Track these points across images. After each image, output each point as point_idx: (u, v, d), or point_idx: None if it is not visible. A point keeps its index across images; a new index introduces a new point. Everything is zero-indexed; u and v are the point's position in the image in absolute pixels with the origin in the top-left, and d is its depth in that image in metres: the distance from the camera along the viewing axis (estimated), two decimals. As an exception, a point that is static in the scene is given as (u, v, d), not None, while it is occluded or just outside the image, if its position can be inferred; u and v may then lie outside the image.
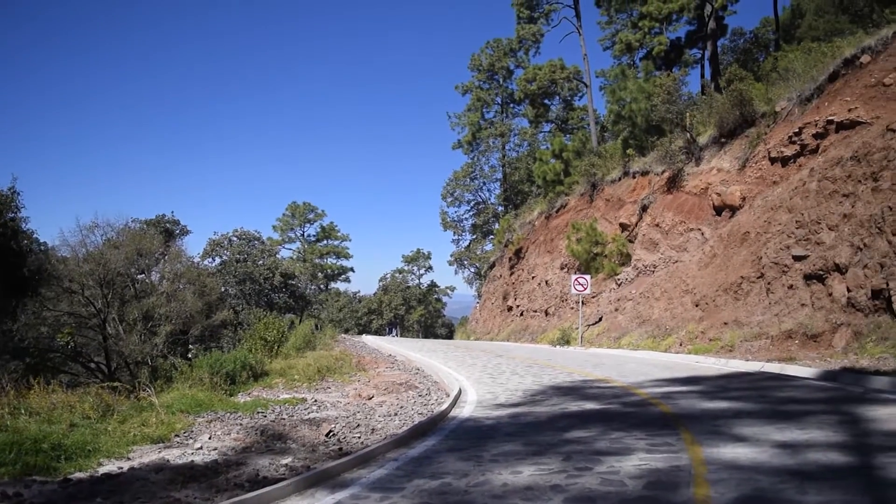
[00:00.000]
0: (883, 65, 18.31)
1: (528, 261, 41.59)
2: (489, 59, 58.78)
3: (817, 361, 13.08)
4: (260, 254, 42.42)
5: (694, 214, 25.39)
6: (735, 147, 24.92)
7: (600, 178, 35.57)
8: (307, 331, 24.13)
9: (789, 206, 18.43)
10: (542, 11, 48.26)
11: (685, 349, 18.47)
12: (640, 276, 26.93)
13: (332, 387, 14.26)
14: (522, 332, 35.73)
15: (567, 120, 56.44)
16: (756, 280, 18.15)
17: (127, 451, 7.94)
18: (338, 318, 63.37)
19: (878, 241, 14.04)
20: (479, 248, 62.78)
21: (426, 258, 76.66)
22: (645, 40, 38.49)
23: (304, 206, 74.38)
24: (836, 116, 19.07)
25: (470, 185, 63.13)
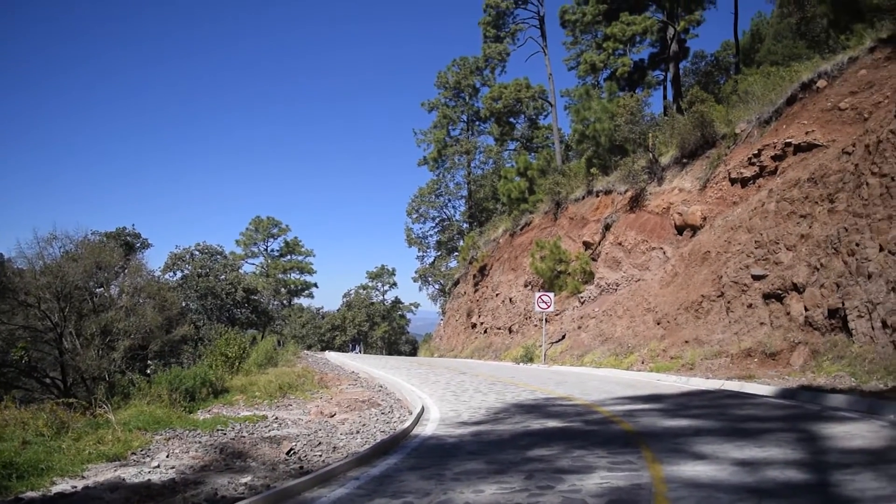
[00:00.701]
0: (839, 89, 18.78)
1: (492, 278, 41.68)
2: (455, 77, 59.13)
3: (776, 379, 13.28)
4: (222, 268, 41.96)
5: (656, 233, 25.70)
6: (696, 168, 25.32)
7: (564, 196, 35.88)
8: (269, 347, 23.86)
9: (749, 227, 18.74)
10: (508, 31, 48.74)
11: (647, 367, 18.62)
12: (603, 295, 27.14)
13: (294, 404, 14.10)
14: (486, 350, 35.74)
15: (532, 138, 56.93)
16: (716, 299, 18.39)
17: (82, 469, 7.74)
18: (301, 334, 62.83)
19: (835, 262, 14.33)
20: (444, 264, 62.83)
21: (390, 274, 76.50)
22: (609, 61, 39.04)
23: (268, 220, 73.82)
24: (794, 139, 19.49)
25: (435, 202, 63.25)
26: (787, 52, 31.29)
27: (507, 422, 10.47)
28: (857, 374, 11.80)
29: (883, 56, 17.66)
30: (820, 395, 10.86)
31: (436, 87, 60.45)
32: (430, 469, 7.25)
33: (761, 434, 8.05)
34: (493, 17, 47.82)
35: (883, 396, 9.88)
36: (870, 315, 12.57)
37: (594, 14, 38.19)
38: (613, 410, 11.04)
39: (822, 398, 10.61)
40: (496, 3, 47.02)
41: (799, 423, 8.80)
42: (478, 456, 7.83)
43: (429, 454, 8.23)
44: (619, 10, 37.05)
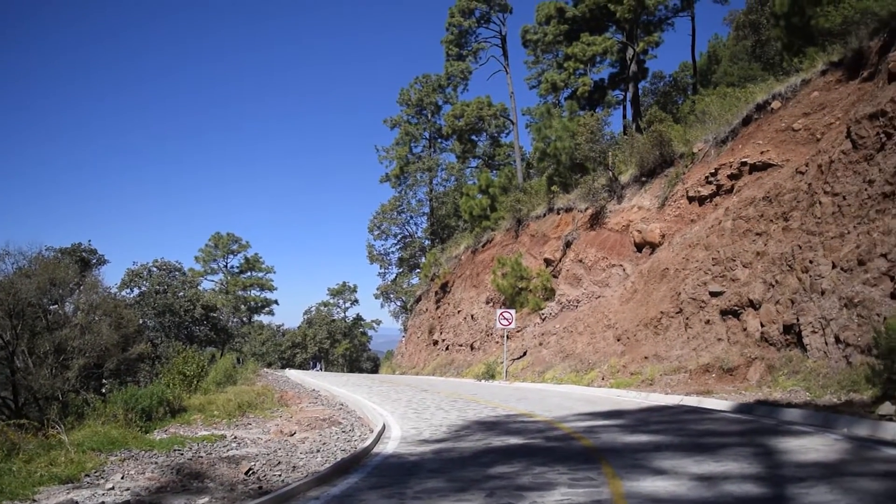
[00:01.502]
0: (792, 111, 19.24)
1: (454, 295, 41.69)
2: (418, 95, 59.31)
3: (733, 394, 13.46)
4: (181, 285, 41.34)
5: (616, 251, 25.97)
6: (655, 186, 25.70)
7: (526, 213, 36.12)
8: (228, 365, 23.55)
9: (706, 244, 19.05)
10: (470, 49, 49.07)
11: (607, 383, 18.75)
12: (563, 311, 27.31)
13: (253, 423, 13.90)
14: (448, 367, 35.67)
15: (494, 156, 57.26)
16: (675, 315, 18.62)
17: (33, 492, 7.51)
18: (261, 351, 62.07)
19: (789, 278, 14.62)
20: (406, 281, 62.68)
21: (352, 291, 76.05)
22: (570, 81, 39.50)
23: (227, 236, 72.99)
24: (750, 158, 19.89)
25: (397, 219, 63.17)
26: (743, 73, 32.03)
27: (468, 439, 10.43)
28: (812, 388, 12.02)
29: (834, 79, 18.16)
30: (776, 409, 11.04)
31: (398, 104, 60.63)
32: (391, 488, 7.19)
33: (719, 449, 8.14)
34: (456, 35, 48.13)
35: (836, 410, 10.07)
36: (823, 331, 12.83)
37: (555, 34, 38.67)
38: (574, 427, 11.08)
39: (778, 412, 10.79)
40: (459, 22, 47.35)
41: (756, 437, 8.92)
42: (439, 474, 7.79)
43: (390, 473, 8.16)
44: (579, 30, 37.55)
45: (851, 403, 10.36)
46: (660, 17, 38.98)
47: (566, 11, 37.71)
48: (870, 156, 13.68)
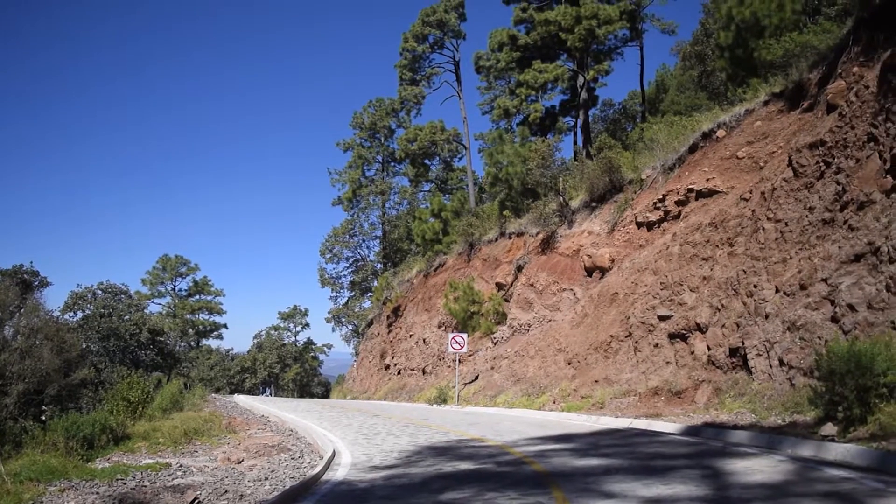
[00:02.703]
0: (736, 139, 19.76)
1: (406, 319, 41.56)
2: (371, 118, 59.41)
3: (681, 417, 13.64)
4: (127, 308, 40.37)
5: (567, 275, 26.21)
6: (605, 211, 26.07)
7: (478, 238, 36.29)
8: (175, 390, 22.97)
9: (654, 269, 19.36)
10: (423, 74, 49.42)
11: (558, 406, 18.83)
12: (515, 335, 27.41)
13: (200, 450, 13.59)
14: (400, 391, 35.45)
15: (447, 180, 57.53)
16: (624, 339, 18.84)
17: (-37, 524, 7.22)
18: (209, 376, 60.85)
19: (735, 303, 14.93)
20: (358, 305, 62.31)
21: (303, 315, 75.15)
22: (522, 107, 39.98)
23: (175, 259, 71.66)
24: (696, 185, 20.33)
25: (349, 242, 62.89)
26: (690, 102, 32.81)
27: (419, 465, 10.35)
28: (757, 410, 12.25)
29: (776, 109, 18.72)
30: (723, 431, 11.21)
31: (351, 127, 60.68)
32: (341, 514, 7.08)
33: (668, 471, 8.22)
34: (410, 60, 48.45)
35: (781, 431, 10.27)
36: (768, 353, 13.11)
37: (507, 61, 39.14)
38: (525, 451, 11.08)
39: (725, 434, 10.96)
40: (412, 48, 47.69)
41: (703, 459, 9.04)
42: (389, 501, 7.71)
43: (339, 500, 8.04)
44: (531, 58, 38.08)
45: (795, 424, 10.58)
46: (609, 46, 39.81)
47: (518, 39, 38.25)
48: (810, 184, 14.11)
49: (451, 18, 47.17)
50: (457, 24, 47.87)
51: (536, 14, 36.43)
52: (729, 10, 23.15)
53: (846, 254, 11.91)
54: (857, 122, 13.16)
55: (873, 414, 8.83)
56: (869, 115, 12.81)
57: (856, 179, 12.59)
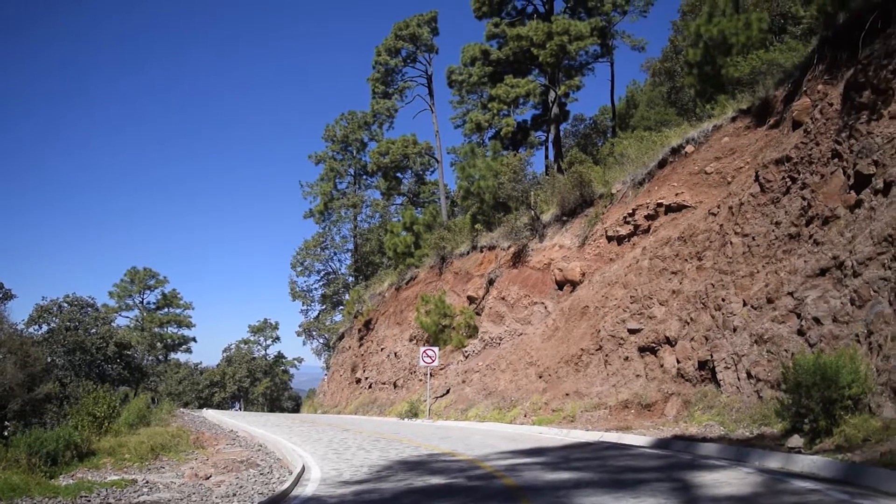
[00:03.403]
0: (704, 154, 20.03)
1: (377, 332, 41.40)
2: (343, 131, 59.38)
3: (651, 430, 13.71)
4: (93, 321, 39.83)
5: (538, 289, 26.31)
6: (576, 225, 26.24)
7: (449, 251, 36.32)
8: (142, 405, 22.64)
9: (624, 283, 19.51)
10: (396, 88, 49.53)
11: (529, 420, 18.84)
12: (486, 349, 27.42)
13: (167, 466, 13.38)
14: (371, 405, 35.25)
15: (419, 193, 57.57)
16: (595, 352, 18.93)
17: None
18: (177, 391, 60.12)
19: (703, 316, 15.08)
20: (329, 318, 61.93)
21: (273, 328, 74.62)
22: (494, 121, 40.23)
23: (144, 271, 70.86)
24: (665, 200, 20.56)
25: (320, 255, 62.62)
26: (659, 118, 33.22)
27: (389, 480, 10.28)
28: (726, 422, 12.35)
29: (743, 125, 19.01)
30: (692, 444, 11.29)
31: (323, 140, 60.64)
32: (309, 529, 7.00)
33: (638, 485, 8.24)
34: (382, 74, 48.54)
35: (749, 444, 10.37)
36: (736, 366, 13.24)
37: (480, 75, 39.39)
38: (496, 465, 11.06)
39: (695, 447, 11.03)
40: (385, 61, 47.81)
41: (673, 472, 9.08)
42: (359, 514, 7.64)
43: (308, 514, 7.96)
44: (503, 72, 38.36)
45: (763, 437, 10.69)
46: (581, 62, 40.27)
47: (491, 54, 38.53)
48: (776, 199, 14.33)
49: (423, 33, 47.40)
50: (429, 38, 48.11)
51: (508, 29, 36.73)
52: (697, 28, 23.54)
53: (812, 268, 12.10)
54: (822, 138, 13.41)
55: (839, 426, 8.95)
56: (833, 132, 13.06)
57: (821, 195, 12.81)
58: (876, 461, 7.57)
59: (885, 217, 10.64)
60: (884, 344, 9.46)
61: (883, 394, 8.96)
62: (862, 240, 10.94)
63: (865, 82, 12.34)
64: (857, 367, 9.18)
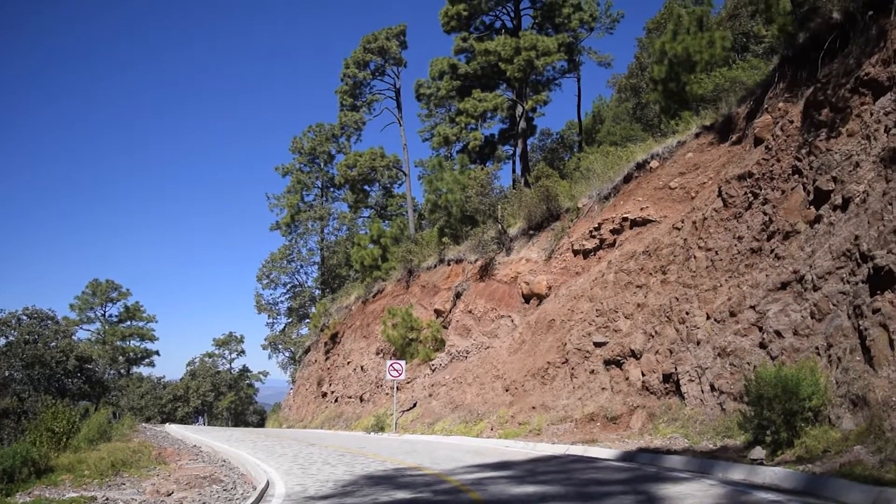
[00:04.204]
0: (669, 170, 20.30)
1: (343, 346, 41.15)
2: (311, 143, 59.20)
3: (617, 443, 13.78)
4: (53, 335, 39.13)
5: (504, 302, 26.38)
6: (542, 239, 26.39)
7: (417, 264, 36.29)
8: (102, 420, 22.19)
9: (590, 296, 19.64)
10: (364, 101, 49.50)
11: (496, 434, 18.82)
12: (453, 362, 27.38)
13: (128, 483, 13.12)
14: (337, 419, 34.97)
15: (386, 206, 57.52)
16: (561, 365, 19.01)
17: None
18: (139, 405, 59.13)
19: (668, 329, 15.23)
20: (295, 332, 61.47)
21: (238, 342, 73.84)
22: (461, 135, 40.38)
23: (106, 283, 69.72)
24: (631, 214, 20.78)
25: (287, 268, 62.21)
26: (625, 133, 33.66)
27: (355, 495, 10.19)
28: (690, 435, 12.47)
29: (707, 141, 19.32)
30: (657, 456, 11.36)
31: (290, 152, 60.39)
32: (273, 545, 6.91)
33: (604, 498, 8.27)
34: (351, 86, 48.51)
35: (713, 456, 10.47)
36: (699, 379, 13.38)
37: (448, 89, 39.54)
38: (463, 479, 11.02)
39: (659, 460, 11.11)
40: (353, 74, 47.78)
41: (638, 485, 9.13)
42: (324, 529, 7.56)
43: (272, 529, 7.85)
44: (471, 86, 38.56)
45: (726, 449, 10.81)
46: (548, 77, 40.71)
47: (459, 68, 38.72)
48: (739, 214, 14.57)
49: (392, 46, 47.49)
50: (398, 51, 48.21)
51: (477, 44, 36.96)
52: (662, 46, 23.92)
53: (773, 282, 12.30)
54: (783, 155, 13.68)
55: (799, 437, 9.09)
56: (793, 149, 13.34)
57: (782, 210, 13.06)
58: (835, 472, 7.69)
59: (843, 232, 10.87)
60: (843, 356, 9.64)
61: (842, 405, 9.11)
62: (821, 254, 11.16)
63: (824, 100, 12.63)
64: (817, 379, 9.34)
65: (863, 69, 11.80)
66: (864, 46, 12.05)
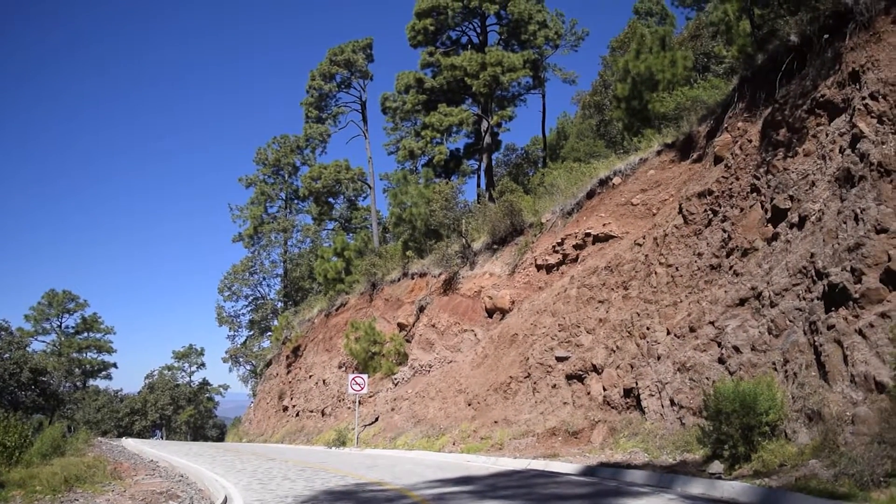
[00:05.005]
0: (631, 186, 20.54)
1: (305, 359, 40.79)
2: (275, 155, 58.90)
3: (578, 457, 13.81)
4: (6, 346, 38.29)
5: (468, 316, 26.39)
6: (506, 253, 26.50)
7: (380, 277, 36.18)
8: (57, 434, 21.66)
9: (553, 311, 19.74)
10: (330, 113, 49.41)
11: (458, 448, 18.76)
12: (416, 376, 27.29)
13: (81, 498, 12.79)
14: (298, 434, 34.60)
15: (350, 219, 57.35)
16: (524, 380, 19.04)
17: None
18: (95, 419, 57.91)
19: (629, 344, 15.36)
20: (257, 345, 60.82)
21: (199, 354, 72.89)
22: (427, 149, 40.46)
23: (63, 294, 68.30)
24: (593, 230, 20.96)
25: (249, 280, 61.62)
26: (588, 149, 34.02)
27: (315, 508, 10.08)
28: (650, 449, 12.55)
29: (668, 159, 19.59)
30: (618, 471, 11.41)
31: (254, 163, 60.08)
32: (229, 561, 6.79)
33: (563, 511, 8.28)
34: (316, 98, 48.39)
35: (672, 470, 10.55)
36: (660, 394, 13.50)
37: (414, 103, 39.64)
38: (424, 494, 10.95)
39: (620, 474, 11.16)
40: (319, 86, 47.68)
41: (599, 499, 9.15)
42: (282, 545, 7.45)
43: (229, 545, 7.72)
44: (437, 101, 38.72)
45: (686, 463, 10.90)
46: (513, 93, 41.10)
47: (425, 82, 38.86)
48: (699, 230, 14.79)
49: (358, 59, 47.51)
50: (364, 64, 48.25)
51: (443, 59, 37.15)
52: (626, 64, 24.28)
53: (731, 298, 12.48)
54: (742, 173, 13.94)
55: (757, 451, 9.20)
56: (752, 168, 13.59)
57: (740, 227, 13.28)
58: (791, 486, 7.79)
59: (799, 250, 11.09)
60: (799, 372, 9.80)
61: (798, 420, 9.26)
62: (778, 271, 11.36)
63: (782, 121, 12.91)
64: (773, 394, 9.48)
65: (819, 91, 12.08)
66: (820, 69, 12.35)
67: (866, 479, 6.99)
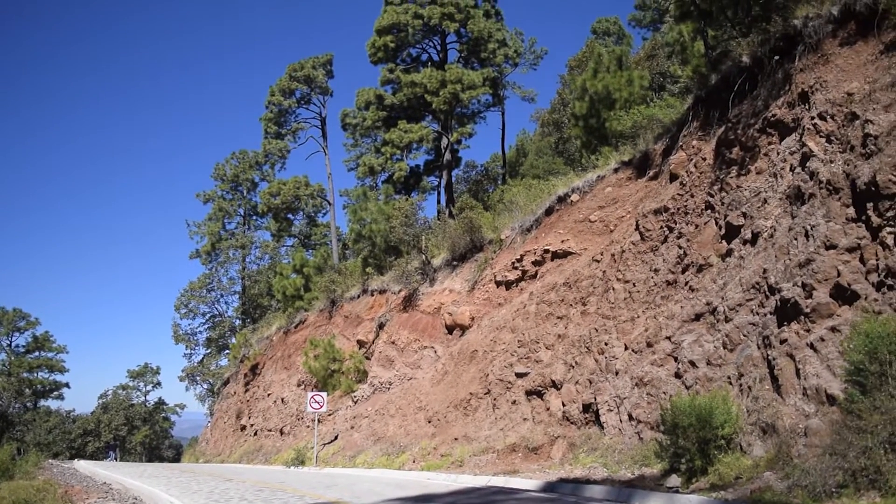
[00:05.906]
0: (589, 203, 20.76)
1: (264, 377, 40.28)
2: (234, 170, 58.35)
3: (538, 473, 13.83)
4: (-49, 367, 37.10)
5: (428, 333, 26.33)
6: (466, 270, 26.55)
7: (340, 294, 35.95)
8: (5, 457, 21.09)
9: (512, 327, 19.80)
10: (289, 129, 49.10)
11: (418, 466, 18.66)
12: (376, 393, 27.11)
13: (28, 521, 12.44)
14: (256, 453, 34.09)
15: (310, 235, 56.95)
16: (484, 396, 19.04)
17: None
18: (46, 440, 56.40)
19: (587, 360, 15.47)
20: (214, 363, 59.87)
21: (154, 373, 71.45)
22: (387, 165, 40.42)
23: (13, 312, 66.46)
24: (552, 246, 21.12)
25: (206, 297, 60.74)
26: (547, 167, 34.35)
27: (272, 528, 9.92)
28: (609, 464, 12.62)
29: (625, 176, 19.86)
30: (578, 486, 11.44)
31: (212, 179, 59.42)
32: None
33: (523, 527, 8.27)
34: (275, 114, 48.09)
35: (631, 484, 10.62)
36: (618, 409, 13.60)
37: (374, 120, 39.60)
38: (383, 511, 10.87)
39: (580, 489, 11.19)
40: (279, 101, 47.41)
41: (557, 514, 9.17)
42: (237, 567, 7.31)
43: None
44: (397, 117, 38.74)
45: (644, 477, 10.97)
46: (473, 110, 41.37)
47: (385, 99, 38.90)
48: (655, 247, 15.00)
49: (318, 75, 47.39)
50: (324, 80, 48.14)
51: (403, 76, 37.24)
52: (583, 83, 24.63)
53: (687, 313, 12.66)
54: (696, 190, 14.19)
55: (713, 465, 9.31)
56: (706, 185, 13.85)
57: (695, 244, 13.50)
58: (747, 498, 7.90)
59: (752, 266, 11.30)
60: (753, 385, 9.96)
61: (752, 433, 9.40)
62: (732, 287, 11.56)
63: (735, 139, 13.20)
64: (729, 407, 9.62)
65: (770, 111, 12.39)
66: (771, 89, 12.67)
67: (819, 491, 7.12)
